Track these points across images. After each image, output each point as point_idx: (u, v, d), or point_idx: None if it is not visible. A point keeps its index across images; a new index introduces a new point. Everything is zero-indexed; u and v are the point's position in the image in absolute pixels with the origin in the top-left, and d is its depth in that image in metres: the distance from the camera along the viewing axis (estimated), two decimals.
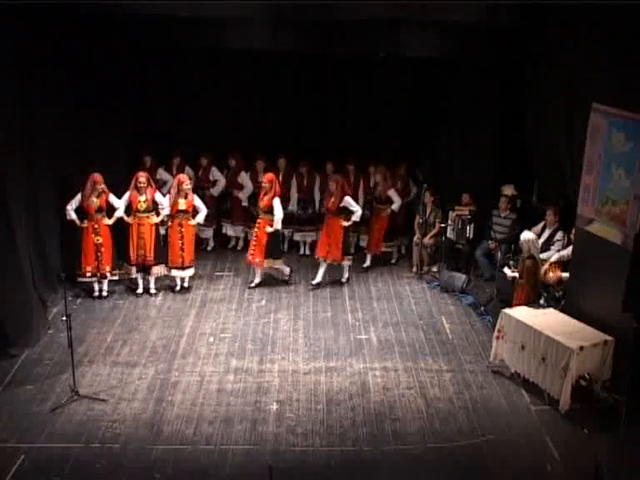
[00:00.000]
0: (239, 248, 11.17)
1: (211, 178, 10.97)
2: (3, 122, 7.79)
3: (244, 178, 10.92)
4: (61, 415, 6.84)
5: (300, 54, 10.48)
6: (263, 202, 9.56)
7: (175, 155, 10.96)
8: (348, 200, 9.64)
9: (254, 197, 10.58)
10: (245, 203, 10.97)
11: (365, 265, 10.60)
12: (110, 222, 9.20)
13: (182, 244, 9.43)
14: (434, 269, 10.51)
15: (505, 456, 6.43)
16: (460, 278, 9.92)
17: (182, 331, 8.60)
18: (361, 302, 9.54)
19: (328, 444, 6.54)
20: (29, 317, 8.10)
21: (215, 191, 10.97)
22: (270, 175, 9.65)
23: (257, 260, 9.67)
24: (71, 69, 9.28)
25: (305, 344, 8.40)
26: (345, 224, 9.68)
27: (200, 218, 9.60)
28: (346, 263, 9.95)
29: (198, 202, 9.53)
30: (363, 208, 10.26)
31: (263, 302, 9.49)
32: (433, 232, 10.41)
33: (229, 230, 11.26)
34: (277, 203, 9.50)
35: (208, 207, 9.90)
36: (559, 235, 8.96)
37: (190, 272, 9.63)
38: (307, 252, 11.12)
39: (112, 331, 8.55)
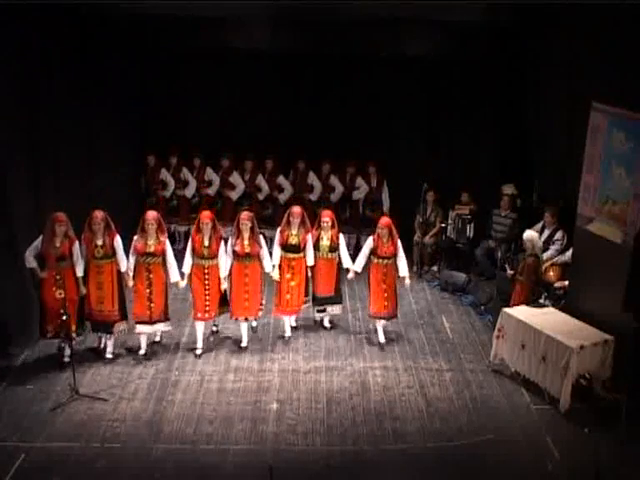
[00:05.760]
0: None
1: (206, 178, 11.00)
2: (5, 122, 7.78)
3: (236, 178, 10.95)
4: (61, 414, 6.84)
5: (300, 54, 10.48)
6: (329, 240, 8.46)
7: (172, 155, 10.97)
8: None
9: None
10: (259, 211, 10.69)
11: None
12: (79, 273, 7.60)
13: (150, 293, 7.78)
14: (434, 268, 10.53)
15: (505, 456, 6.42)
16: (460, 277, 9.92)
17: (182, 330, 8.58)
18: (361, 301, 9.52)
19: (328, 443, 6.54)
20: (29, 317, 8.09)
21: (212, 190, 10.99)
22: (330, 216, 8.46)
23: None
24: (71, 69, 9.26)
25: (305, 343, 8.40)
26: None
27: (174, 274, 7.87)
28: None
29: (169, 248, 7.86)
30: (364, 209, 10.22)
31: (263, 301, 9.46)
32: (433, 231, 10.42)
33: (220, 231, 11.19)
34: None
35: (209, 206, 9.80)
36: (559, 235, 8.96)
37: (160, 327, 8.00)
38: None
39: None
